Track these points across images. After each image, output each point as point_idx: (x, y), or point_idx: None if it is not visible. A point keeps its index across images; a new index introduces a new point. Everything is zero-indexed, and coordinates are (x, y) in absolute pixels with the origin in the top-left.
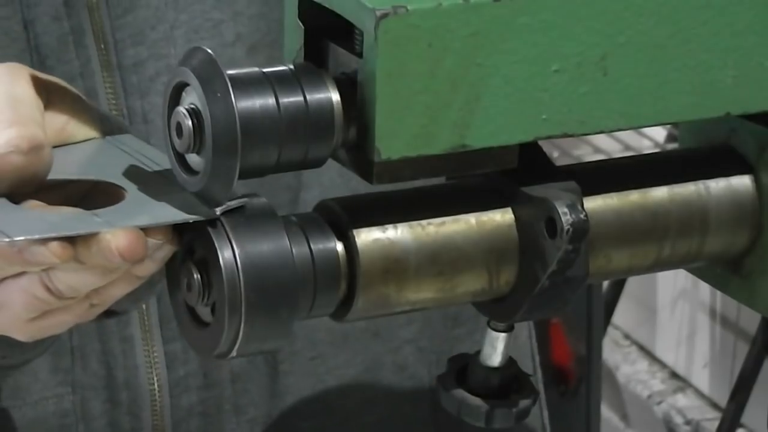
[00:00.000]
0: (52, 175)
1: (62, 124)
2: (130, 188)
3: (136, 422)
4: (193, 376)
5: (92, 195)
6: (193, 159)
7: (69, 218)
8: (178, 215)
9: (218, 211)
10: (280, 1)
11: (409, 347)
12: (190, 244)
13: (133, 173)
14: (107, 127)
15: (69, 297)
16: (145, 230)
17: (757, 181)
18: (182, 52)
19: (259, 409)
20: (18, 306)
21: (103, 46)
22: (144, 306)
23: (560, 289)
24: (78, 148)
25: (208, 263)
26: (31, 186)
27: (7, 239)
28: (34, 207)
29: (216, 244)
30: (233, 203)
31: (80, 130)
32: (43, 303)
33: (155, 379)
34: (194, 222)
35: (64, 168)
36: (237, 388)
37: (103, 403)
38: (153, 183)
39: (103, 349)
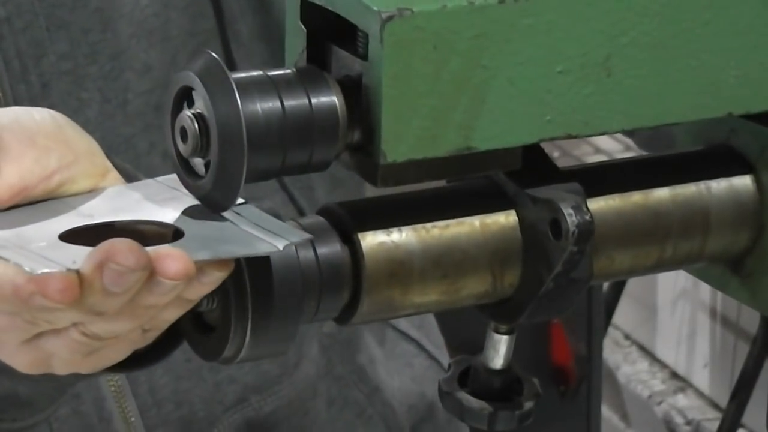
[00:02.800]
0: (107, 217)
1: (48, 172)
2: (188, 227)
3: None
4: None
5: (149, 237)
6: (198, 163)
7: None
8: (238, 250)
9: (281, 245)
10: None
11: None
12: None
13: (188, 212)
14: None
15: (111, 337)
16: (208, 264)
17: (757, 181)
18: None
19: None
20: (66, 352)
21: None
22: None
23: (564, 291)
24: (129, 190)
25: None
26: None
27: (62, 268)
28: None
29: None
30: (295, 239)
31: (75, 183)
32: (88, 346)
33: None
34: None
35: (117, 210)
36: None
37: None
38: (209, 221)
39: None
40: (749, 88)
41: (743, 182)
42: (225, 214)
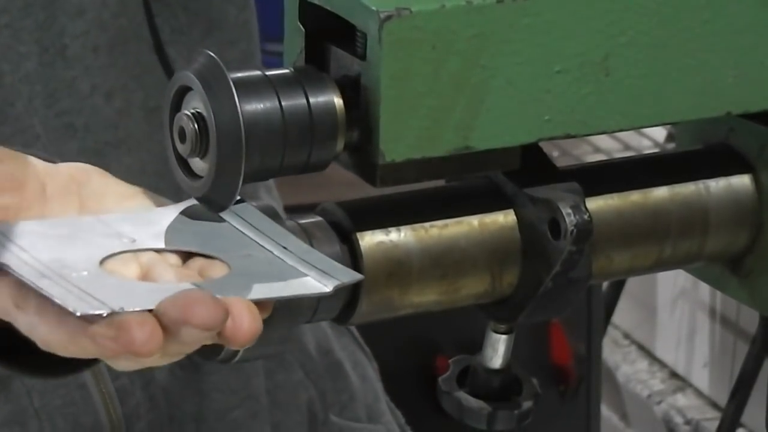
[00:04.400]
0: (148, 243)
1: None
2: (232, 260)
3: None
4: (142, 405)
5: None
6: (196, 163)
7: (171, 290)
8: (285, 290)
9: (330, 286)
10: (129, 47)
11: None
12: None
13: (233, 241)
14: None
15: None
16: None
17: (756, 181)
18: (43, 120)
19: (190, 412)
20: None
21: None
22: None
23: (563, 291)
24: (172, 212)
25: None
26: None
27: (108, 310)
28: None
29: None
30: (345, 278)
31: None
32: None
33: (113, 415)
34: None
35: (159, 236)
36: (171, 401)
37: None
38: (255, 254)
39: (64, 402)
40: (748, 88)
41: (742, 181)
42: (269, 246)
